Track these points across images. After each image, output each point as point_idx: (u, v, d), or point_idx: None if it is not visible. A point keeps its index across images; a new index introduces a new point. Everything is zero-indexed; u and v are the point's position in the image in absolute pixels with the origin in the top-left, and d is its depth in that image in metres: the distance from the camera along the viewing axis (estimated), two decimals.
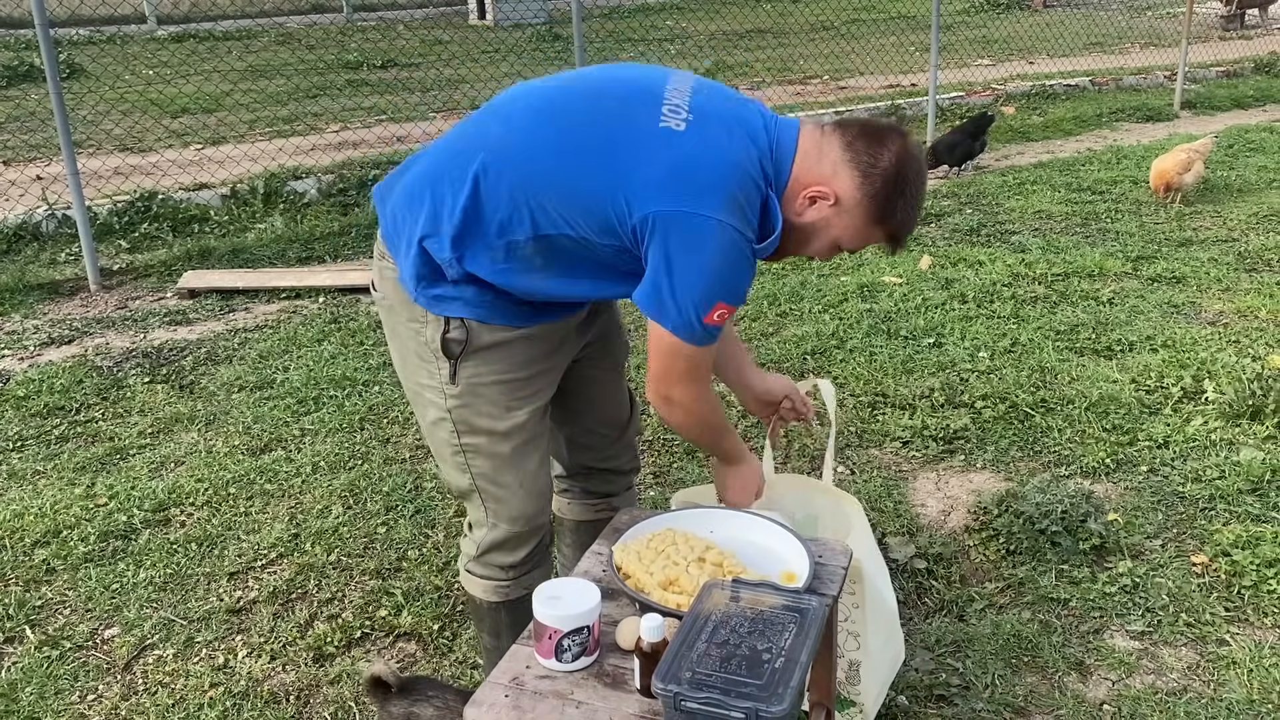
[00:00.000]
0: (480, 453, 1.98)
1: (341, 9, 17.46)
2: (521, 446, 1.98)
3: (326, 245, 5.85)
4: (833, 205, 1.81)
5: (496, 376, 1.92)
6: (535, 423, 1.99)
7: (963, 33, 14.10)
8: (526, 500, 2.02)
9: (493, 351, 1.90)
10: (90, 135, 8.27)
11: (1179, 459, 3.25)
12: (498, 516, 2.03)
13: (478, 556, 2.08)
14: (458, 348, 1.89)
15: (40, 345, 4.57)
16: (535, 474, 2.03)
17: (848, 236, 1.86)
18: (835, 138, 1.82)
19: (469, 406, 1.94)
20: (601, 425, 2.23)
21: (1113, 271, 4.92)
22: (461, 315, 1.88)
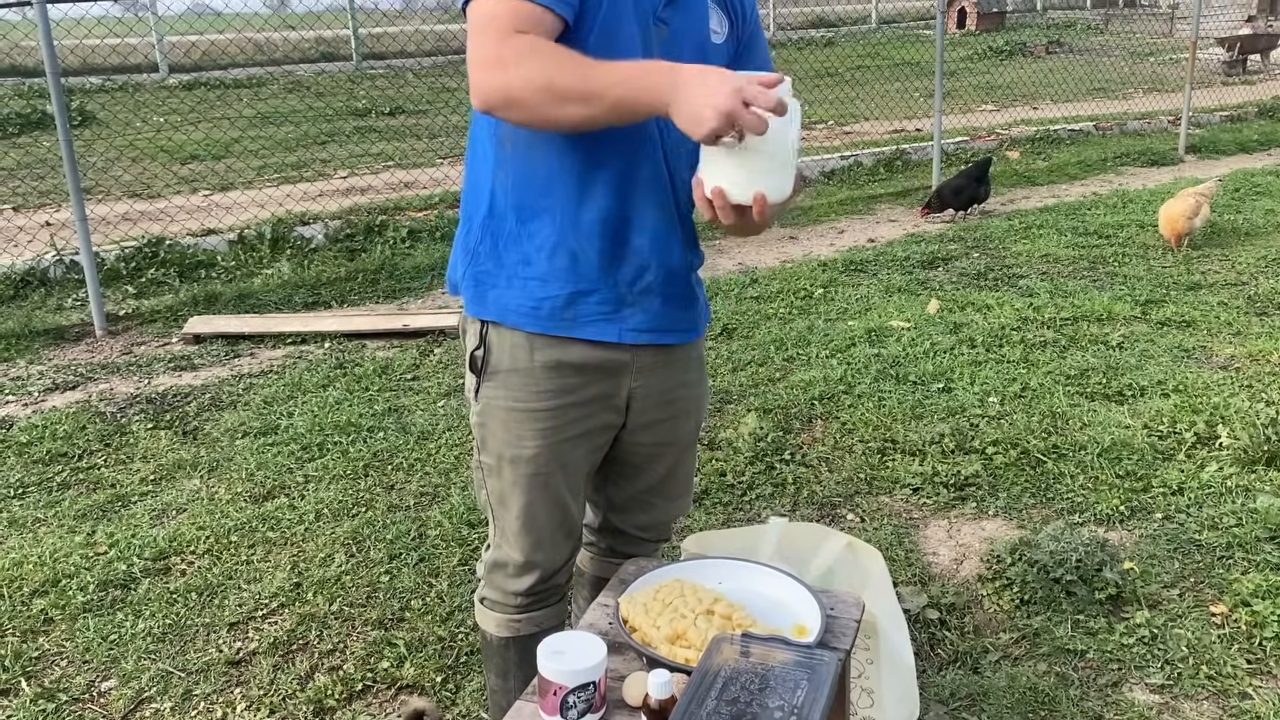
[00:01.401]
0: (490, 473, 1.95)
1: (351, 57, 17.68)
2: (528, 479, 1.91)
3: (333, 290, 5.85)
4: None
5: (511, 403, 1.87)
6: (547, 460, 1.90)
7: (966, 79, 14.21)
8: (524, 535, 1.96)
9: (511, 376, 1.86)
10: (100, 182, 8.33)
11: (1194, 506, 3.20)
12: (503, 539, 1.99)
13: (485, 575, 2.05)
14: (480, 365, 1.88)
15: (44, 391, 4.55)
16: (537, 512, 1.95)
17: None
18: None
19: (485, 426, 1.92)
20: (649, 495, 2.11)
21: (1121, 315, 4.89)
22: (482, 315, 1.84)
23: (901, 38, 20.24)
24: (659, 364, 1.94)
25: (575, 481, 1.97)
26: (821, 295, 5.44)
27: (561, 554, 2.02)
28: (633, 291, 1.84)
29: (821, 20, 23.72)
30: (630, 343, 1.87)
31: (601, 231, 1.78)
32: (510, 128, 1.76)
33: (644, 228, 1.82)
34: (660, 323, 1.89)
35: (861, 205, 7.70)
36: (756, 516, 3.27)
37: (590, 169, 1.76)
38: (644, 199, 1.80)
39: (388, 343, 5.03)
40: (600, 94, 1.51)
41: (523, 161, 1.77)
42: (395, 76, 14.81)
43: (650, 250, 1.83)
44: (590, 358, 1.85)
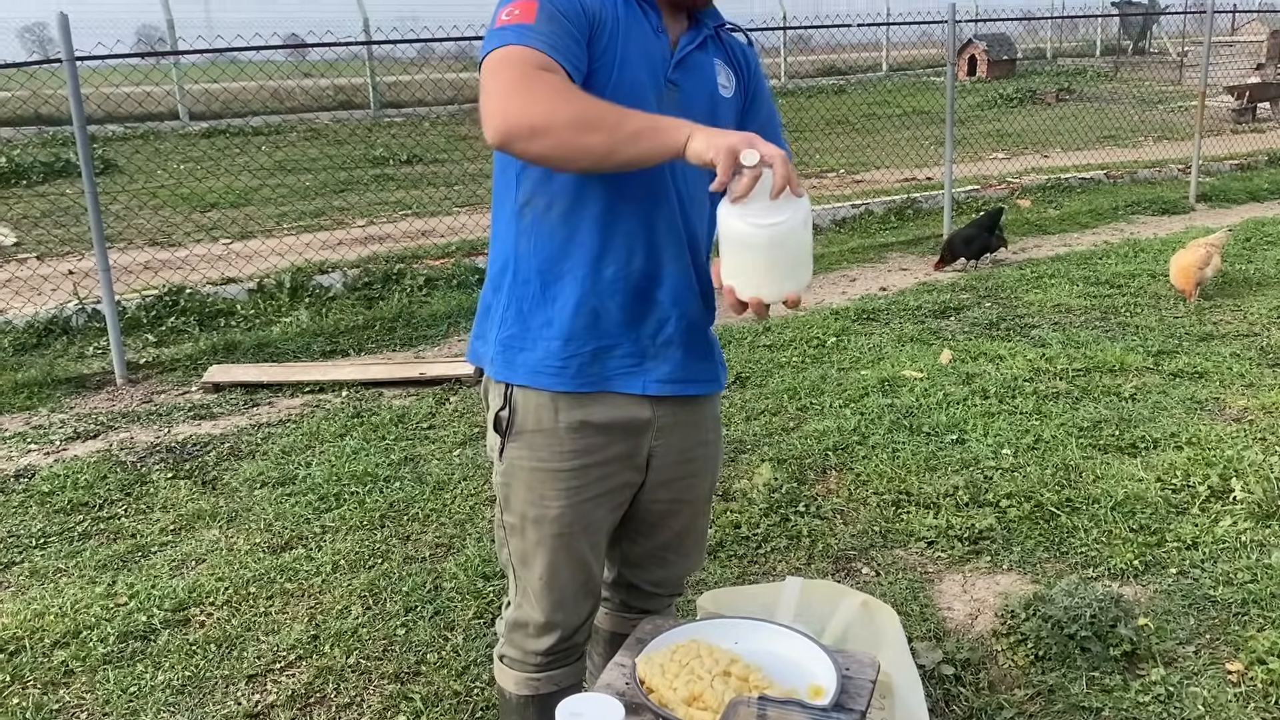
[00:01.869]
0: (513, 533, 1.97)
1: (369, 105, 17.94)
2: (552, 539, 1.94)
3: (350, 339, 5.92)
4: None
5: (536, 463, 1.90)
6: (571, 519, 1.92)
7: (977, 126, 14.32)
8: (546, 595, 1.98)
9: (535, 437, 1.89)
10: (121, 230, 8.46)
11: (1209, 561, 3.20)
12: (524, 598, 2.01)
13: (506, 634, 2.06)
14: (505, 425, 1.90)
15: (66, 440, 4.61)
16: (560, 572, 1.97)
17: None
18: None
19: (509, 485, 1.94)
20: (664, 551, 2.14)
21: (1134, 366, 4.91)
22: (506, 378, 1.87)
23: (912, 85, 20.44)
24: (679, 422, 1.98)
25: (597, 540, 1.99)
26: (834, 344, 5.47)
27: (582, 613, 2.04)
28: (655, 344, 1.89)
29: (833, 68, 23.97)
30: (654, 394, 1.90)
31: (623, 288, 1.84)
32: (529, 191, 1.81)
33: (663, 282, 1.87)
34: (683, 374, 1.93)
35: (873, 253, 7.76)
36: (772, 570, 3.29)
37: (609, 228, 1.81)
38: (662, 254, 1.85)
39: (404, 391, 5.08)
40: (621, 123, 1.57)
41: (542, 226, 1.83)
42: (412, 125, 15.01)
43: (671, 303, 1.88)
44: (614, 417, 1.89)
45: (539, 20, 1.63)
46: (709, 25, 1.90)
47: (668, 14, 1.84)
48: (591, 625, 2.12)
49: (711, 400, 2.06)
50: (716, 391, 2.05)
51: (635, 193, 1.80)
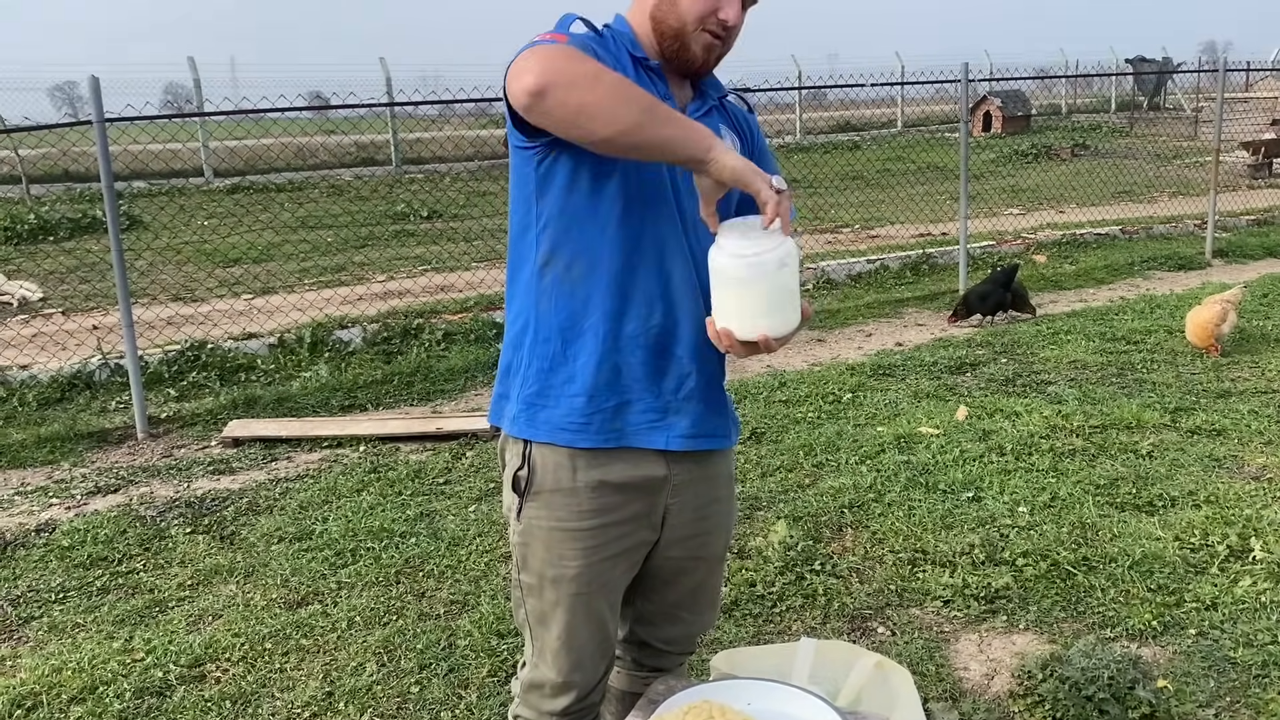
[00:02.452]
0: (531, 593, 1.98)
1: (390, 161, 18.22)
2: (570, 599, 1.95)
3: (369, 394, 5.97)
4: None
5: (554, 523, 1.91)
6: (589, 579, 1.93)
7: (992, 182, 14.41)
8: (563, 655, 1.99)
9: (554, 496, 1.90)
10: (146, 286, 8.58)
11: (1228, 622, 3.17)
12: (540, 658, 2.01)
13: (521, 693, 2.07)
14: (523, 485, 1.92)
15: (87, 494, 4.65)
16: (578, 632, 1.98)
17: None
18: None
19: (526, 545, 1.95)
20: (676, 609, 2.14)
21: (1151, 423, 4.89)
22: (525, 434, 1.90)
23: (927, 141, 20.61)
24: (694, 479, 1.99)
25: (614, 599, 2.01)
26: (850, 400, 5.48)
27: (598, 672, 2.05)
28: (677, 399, 1.91)
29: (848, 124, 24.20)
30: (677, 449, 1.92)
31: (643, 343, 1.87)
32: (549, 250, 1.85)
33: (682, 337, 1.90)
34: (702, 428, 1.95)
35: (888, 309, 7.79)
36: (787, 630, 3.27)
37: (628, 286, 1.85)
38: (680, 310, 1.89)
39: (421, 446, 5.11)
40: (656, 105, 1.62)
41: (563, 285, 1.86)
42: (433, 181, 15.21)
43: (690, 358, 1.91)
44: (631, 476, 1.91)
45: (571, 44, 1.70)
46: (713, 96, 1.97)
47: (674, 83, 1.91)
48: (606, 685, 2.12)
49: (726, 456, 2.08)
50: (730, 447, 2.07)
51: (652, 251, 1.85)
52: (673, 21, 1.83)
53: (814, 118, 24.48)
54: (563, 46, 1.67)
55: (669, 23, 1.83)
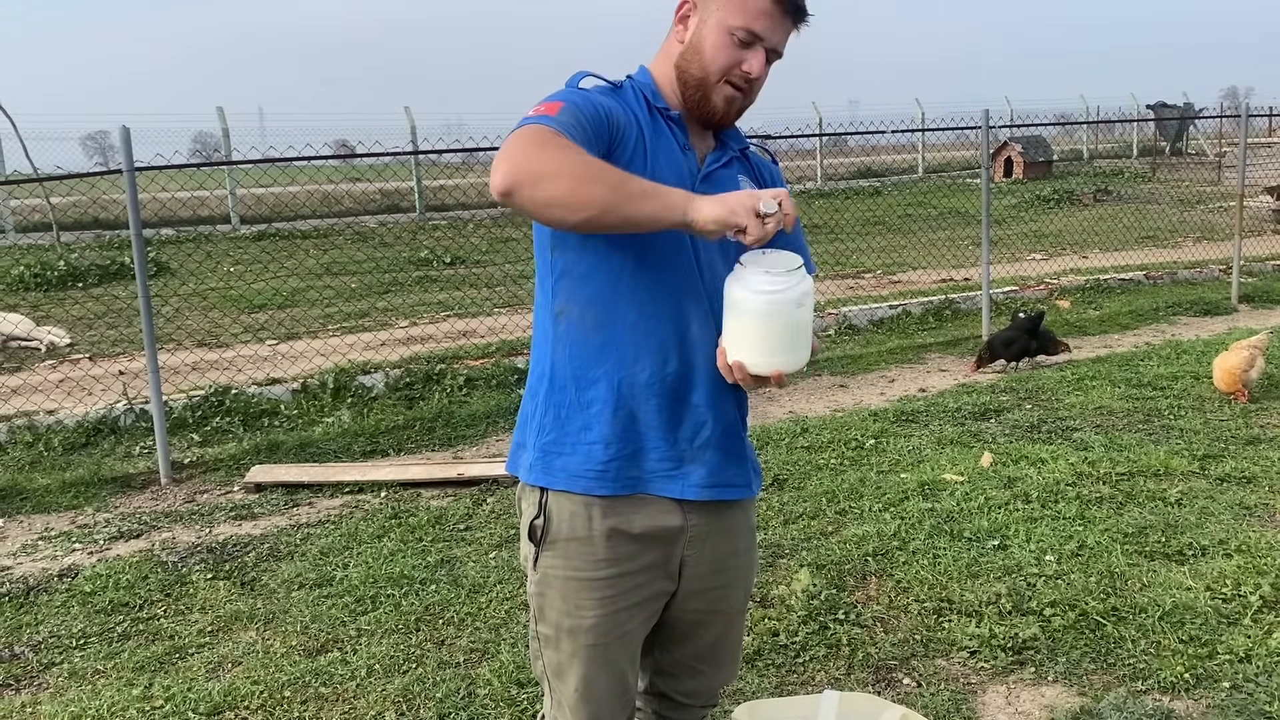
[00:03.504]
0: (548, 644, 1.96)
1: (414, 208, 18.41)
2: (587, 650, 1.93)
3: (391, 439, 5.98)
4: (695, 7, 1.87)
5: (571, 572, 1.90)
6: (606, 629, 1.91)
7: (1014, 227, 14.39)
8: (582, 707, 1.96)
9: (570, 545, 1.89)
10: (172, 332, 8.66)
11: (1263, 675, 3.10)
12: (559, 710, 1.99)
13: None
14: (539, 534, 1.91)
15: (109, 539, 4.66)
16: (596, 683, 1.95)
17: (724, 12, 1.84)
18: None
19: (543, 595, 1.94)
20: (696, 662, 2.12)
21: (1179, 471, 4.83)
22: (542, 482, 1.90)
23: (949, 186, 20.64)
24: (711, 530, 1.97)
25: (633, 650, 1.98)
26: (873, 446, 5.44)
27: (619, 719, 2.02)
28: (693, 447, 1.90)
29: (869, 170, 24.29)
30: (693, 498, 1.91)
31: (659, 391, 1.86)
32: (564, 299, 1.86)
33: (698, 385, 1.89)
34: (719, 478, 1.94)
35: (911, 354, 7.76)
36: (811, 680, 3.23)
37: (643, 334, 1.85)
38: (696, 358, 1.88)
39: (442, 491, 5.10)
40: (625, 182, 1.65)
41: (577, 331, 1.87)
42: (456, 228, 15.35)
43: (707, 406, 1.90)
44: (647, 526, 1.89)
45: (561, 114, 1.71)
46: (734, 147, 1.98)
47: (694, 131, 1.92)
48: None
49: (746, 507, 2.06)
50: (751, 497, 2.05)
51: (667, 300, 1.85)
52: (695, 71, 1.85)
53: (835, 164, 24.59)
54: (540, 130, 1.67)
55: (692, 73, 1.86)
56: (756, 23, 1.82)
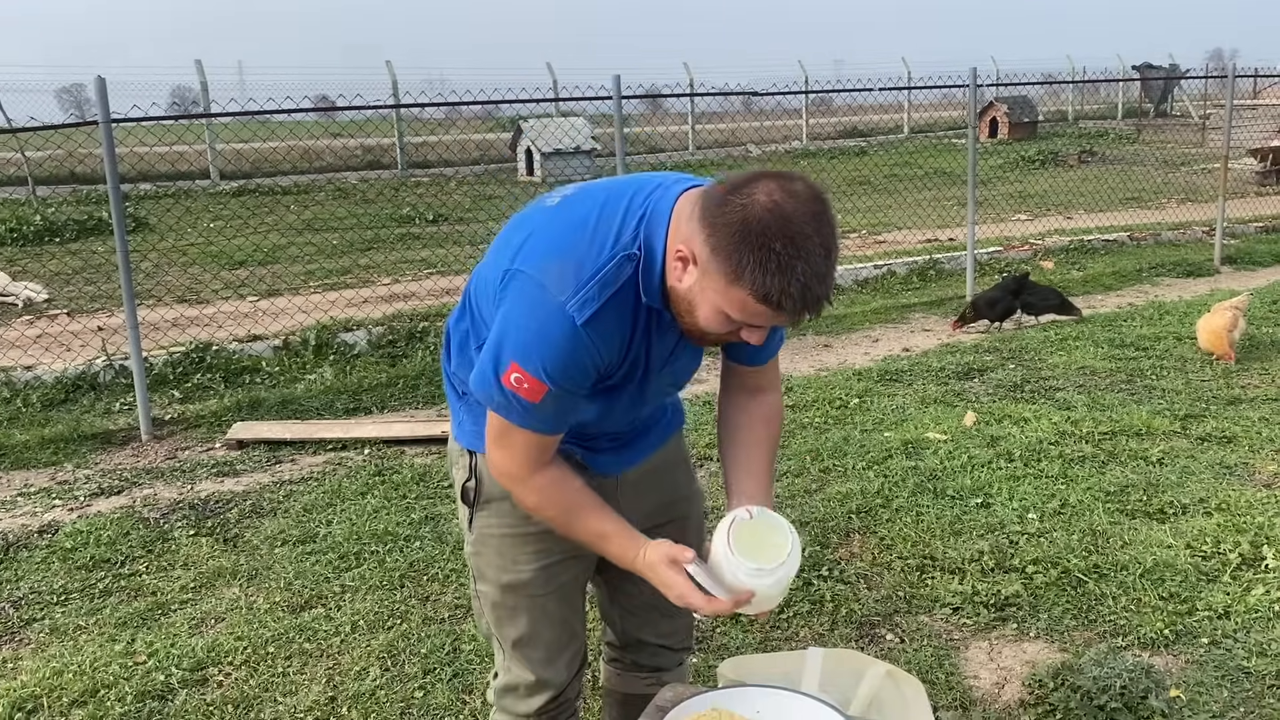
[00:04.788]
0: (488, 602, 2.00)
1: (396, 165, 18.22)
2: (528, 602, 1.96)
3: (373, 396, 5.94)
4: (695, 265, 1.60)
5: (504, 530, 1.94)
6: (544, 581, 1.95)
7: (999, 188, 14.37)
8: (532, 655, 2.00)
9: (503, 503, 1.92)
10: (151, 288, 8.56)
11: (1241, 631, 3.13)
12: (511, 662, 2.02)
13: (496, 701, 2.07)
14: (473, 496, 1.94)
15: (90, 496, 4.63)
16: (541, 631, 1.99)
17: (720, 300, 1.59)
18: (701, 192, 1.63)
19: (480, 555, 1.98)
20: (656, 601, 2.09)
21: (1161, 430, 4.85)
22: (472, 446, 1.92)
23: (934, 147, 20.57)
24: (642, 479, 2.02)
25: (575, 600, 2.04)
26: (857, 405, 5.45)
27: (572, 669, 2.06)
28: (634, 433, 1.99)
29: (854, 130, 24.18)
30: (625, 470, 1.98)
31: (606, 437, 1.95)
32: None
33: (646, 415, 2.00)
34: (649, 442, 2.01)
35: (895, 314, 7.75)
36: (794, 636, 3.24)
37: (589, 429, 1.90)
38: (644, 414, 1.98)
39: (426, 449, 5.08)
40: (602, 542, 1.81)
41: None
42: (438, 184, 15.21)
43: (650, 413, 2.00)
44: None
45: (543, 405, 1.68)
46: None
47: None
48: (581, 681, 2.13)
49: (674, 442, 2.10)
50: (677, 430, 2.10)
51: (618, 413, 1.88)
52: (688, 320, 1.69)
53: (820, 123, 24.46)
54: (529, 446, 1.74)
55: (683, 319, 1.70)
56: (755, 320, 1.61)
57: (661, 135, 20.19)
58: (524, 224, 1.79)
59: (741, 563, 1.72)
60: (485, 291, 1.78)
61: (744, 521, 1.77)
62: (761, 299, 1.54)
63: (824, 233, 1.54)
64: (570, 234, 1.68)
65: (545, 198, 1.83)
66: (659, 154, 18.76)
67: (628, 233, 1.67)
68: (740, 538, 1.74)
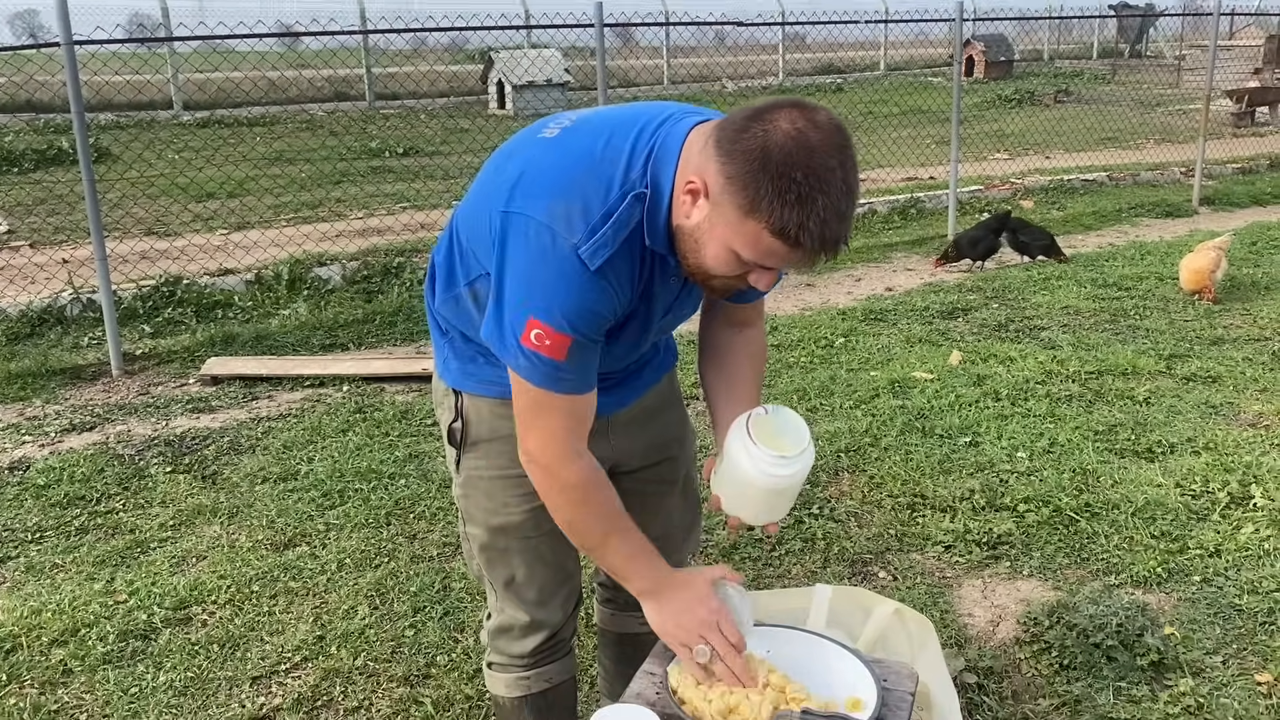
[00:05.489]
0: (477, 544, 1.95)
1: (364, 96, 17.82)
2: (519, 544, 1.91)
3: (350, 333, 5.83)
4: (706, 198, 1.49)
5: (494, 472, 1.88)
6: (533, 522, 1.89)
7: (977, 126, 14.27)
8: (525, 597, 1.96)
9: (491, 445, 1.86)
10: (118, 220, 8.34)
11: (1232, 569, 3.14)
12: (505, 603, 1.98)
13: (490, 642, 2.04)
14: (460, 437, 1.88)
15: (61, 432, 4.51)
16: (535, 573, 1.95)
17: (731, 236, 1.48)
18: (716, 123, 1.53)
19: (469, 497, 1.92)
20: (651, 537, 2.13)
21: (1146, 370, 4.85)
22: (458, 385, 1.86)
23: (910, 85, 20.40)
24: (634, 419, 1.96)
25: (566, 539, 1.95)
26: (842, 344, 5.41)
27: (567, 608, 2.03)
28: (625, 374, 1.91)
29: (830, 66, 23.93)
30: (616, 410, 1.90)
31: None
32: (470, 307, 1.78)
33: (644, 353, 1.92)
34: (640, 382, 1.95)
35: (878, 253, 7.70)
36: (787, 574, 3.22)
37: None
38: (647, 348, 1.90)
39: (407, 387, 4.99)
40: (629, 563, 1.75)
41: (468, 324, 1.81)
42: (408, 116, 14.90)
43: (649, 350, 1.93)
44: None
45: (570, 360, 1.58)
46: None
47: None
48: (576, 620, 2.10)
49: (665, 381, 2.04)
50: (669, 369, 2.05)
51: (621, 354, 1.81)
52: (693, 261, 1.59)
53: (796, 59, 24.16)
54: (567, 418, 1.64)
55: (689, 259, 1.60)
56: (767, 260, 1.50)
57: (635, 69, 19.87)
58: (516, 155, 1.68)
59: (765, 452, 1.68)
60: (476, 229, 1.69)
61: (760, 417, 1.73)
62: (778, 233, 1.44)
63: (847, 168, 1.45)
64: (574, 170, 1.57)
65: (539, 127, 1.71)
66: (633, 88, 18.48)
67: (636, 169, 1.56)
68: (760, 431, 1.71)
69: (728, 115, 1.52)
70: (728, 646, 1.67)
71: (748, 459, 1.69)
